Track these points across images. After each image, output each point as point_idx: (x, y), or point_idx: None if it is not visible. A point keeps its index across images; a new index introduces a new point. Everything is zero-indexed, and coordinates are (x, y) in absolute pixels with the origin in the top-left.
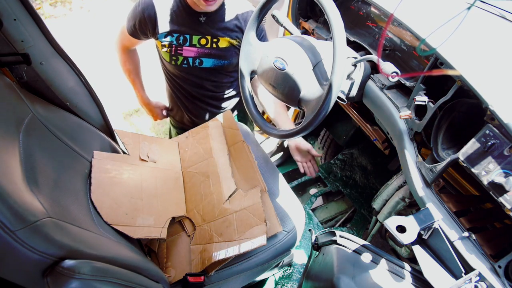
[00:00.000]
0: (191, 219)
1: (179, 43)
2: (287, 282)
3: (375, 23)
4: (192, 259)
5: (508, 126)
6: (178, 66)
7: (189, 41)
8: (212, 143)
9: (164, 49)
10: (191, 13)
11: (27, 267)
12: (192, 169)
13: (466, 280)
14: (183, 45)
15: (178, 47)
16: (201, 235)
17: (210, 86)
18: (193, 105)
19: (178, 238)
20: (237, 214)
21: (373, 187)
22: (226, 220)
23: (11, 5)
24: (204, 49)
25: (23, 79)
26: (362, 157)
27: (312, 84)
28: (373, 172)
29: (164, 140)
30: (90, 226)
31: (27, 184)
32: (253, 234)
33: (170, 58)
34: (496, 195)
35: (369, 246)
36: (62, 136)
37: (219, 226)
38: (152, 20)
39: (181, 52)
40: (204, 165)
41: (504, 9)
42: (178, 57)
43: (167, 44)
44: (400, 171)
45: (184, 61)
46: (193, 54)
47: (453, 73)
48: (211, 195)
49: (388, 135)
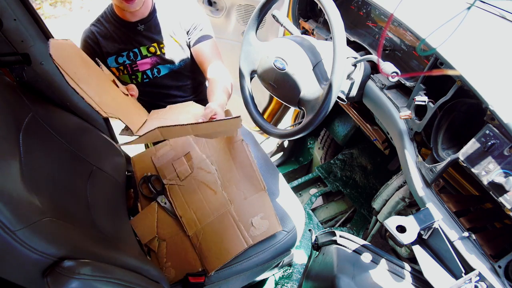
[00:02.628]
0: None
1: (132, 60)
2: (287, 282)
3: (375, 23)
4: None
5: (508, 126)
6: (141, 83)
7: (139, 54)
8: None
9: (121, 72)
10: (128, 26)
11: (27, 267)
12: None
13: (466, 280)
14: (136, 60)
15: (132, 64)
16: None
17: (177, 92)
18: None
19: (178, 238)
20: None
21: (373, 187)
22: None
23: (11, 5)
24: (156, 57)
25: (23, 79)
26: (362, 157)
27: (312, 84)
28: (373, 172)
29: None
30: (90, 226)
31: (27, 184)
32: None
33: (130, 79)
34: (496, 195)
35: (369, 246)
36: (62, 136)
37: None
38: (97, 46)
39: (137, 68)
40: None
41: (504, 9)
42: (137, 74)
43: (122, 67)
44: (400, 171)
45: (143, 76)
46: (148, 66)
47: (453, 73)
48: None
49: (388, 135)
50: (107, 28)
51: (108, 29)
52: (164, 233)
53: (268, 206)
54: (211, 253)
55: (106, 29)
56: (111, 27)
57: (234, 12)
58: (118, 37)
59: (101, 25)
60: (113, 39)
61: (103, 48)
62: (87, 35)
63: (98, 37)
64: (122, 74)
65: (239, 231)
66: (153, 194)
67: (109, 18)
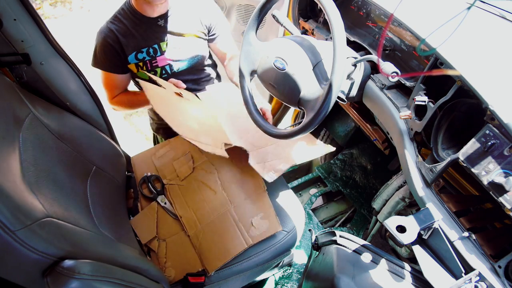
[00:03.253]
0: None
1: (151, 56)
2: (287, 282)
3: (375, 23)
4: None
5: (508, 126)
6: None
7: (159, 50)
8: None
9: (139, 68)
10: (148, 22)
11: (27, 267)
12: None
13: (466, 280)
14: (155, 56)
15: (152, 60)
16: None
17: (192, 85)
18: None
19: (178, 238)
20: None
21: (373, 187)
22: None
23: (11, 5)
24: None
25: (23, 79)
26: (362, 157)
27: (312, 84)
28: (373, 172)
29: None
30: (90, 226)
31: (27, 184)
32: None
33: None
34: (496, 195)
35: (369, 246)
36: (62, 136)
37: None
38: (118, 45)
39: (156, 64)
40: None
41: (504, 9)
42: (156, 70)
43: (141, 63)
44: (400, 171)
45: (162, 72)
46: (167, 61)
47: (453, 73)
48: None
49: (388, 135)
50: (125, 25)
51: (127, 25)
52: (164, 233)
53: (268, 206)
54: (211, 253)
55: (125, 26)
56: (130, 24)
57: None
58: (138, 33)
59: (119, 22)
60: (132, 36)
61: (124, 46)
62: (106, 34)
63: (117, 35)
64: (140, 70)
65: (239, 231)
66: (153, 194)
67: (128, 14)
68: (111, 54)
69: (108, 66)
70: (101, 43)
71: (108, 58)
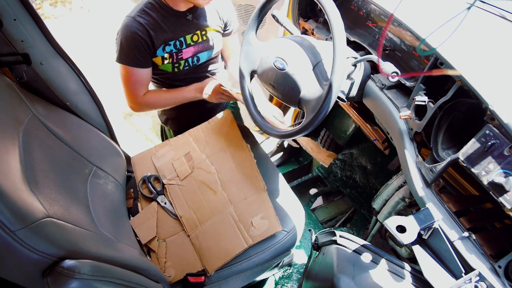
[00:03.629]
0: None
1: (178, 48)
2: (287, 282)
3: (375, 23)
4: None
5: (508, 126)
6: (181, 71)
7: (184, 43)
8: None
9: (166, 61)
10: (178, 15)
11: (27, 267)
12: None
13: (466, 280)
14: (181, 49)
15: (178, 53)
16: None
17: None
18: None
19: (178, 238)
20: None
21: (373, 187)
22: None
23: (11, 5)
24: (198, 45)
25: (23, 79)
26: (362, 157)
27: (312, 84)
28: (373, 172)
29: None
30: (90, 226)
31: (27, 184)
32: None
33: (172, 68)
34: (496, 195)
35: (369, 246)
36: (62, 136)
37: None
38: (148, 38)
39: (181, 56)
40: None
41: (504, 9)
42: (180, 62)
43: (168, 56)
44: (400, 171)
45: (185, 64)
46: (190, 54)
47: (453, 73)
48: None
49: (388, 135)
50: (154, 18)
51: (156, 19)
52: (164, 233)
53: (268, 206)
54: (211, 253)
55: (153, 19)
56: (159, 17)
57: None
58: (166, 26)
59: (148, 15)
60: (161, 29)
61: (154, 39)
62: (137, 27)
63: (147, 28)
64: (165, 63)
65: (239, 231)
66: (153, 194)
67: (157, 7)
68: (142, 48)
69: (138, 61)
70: (130, 37)
71: (138, 52)
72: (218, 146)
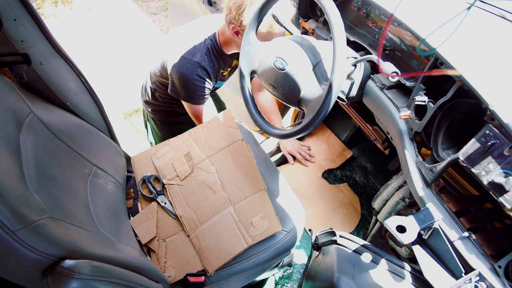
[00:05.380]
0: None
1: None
2: (287, 282)
3: (375, 23)
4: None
5: (508, 126)
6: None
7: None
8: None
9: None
10: (226, 56)
11: (27, 267)
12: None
13: (466, 280)
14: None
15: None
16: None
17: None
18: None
19: (178, 238)
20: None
21: (373, 187)
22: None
23: (11, 5)
24: (224, 76)
25: (23, 79)
26: (362, 157)
27: (312, 84)
28: (373, 172)
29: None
30: (90, 226)
31: (27, 184)
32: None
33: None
34: (496, 195)
35: (369, 246)
36: (62, 136)
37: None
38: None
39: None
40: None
41: (504, 9)
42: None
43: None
44: (400, 171)
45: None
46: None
47: (453, 73)
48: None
49: (388, 135)
50: (215, 65)
51: (217, 66)
52: (164, 233)
53: (268, 206)
54: (211, 253)
55: (214, 66)
56: (218, 64)
57: None
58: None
59: (211, 61)
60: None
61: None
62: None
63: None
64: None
65: (239, 231)
66: (153, 194)
67: (216, 55)
68: (208, 90)
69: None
70: (199, 82)
71: (205, 94)
72: (218, 146)
